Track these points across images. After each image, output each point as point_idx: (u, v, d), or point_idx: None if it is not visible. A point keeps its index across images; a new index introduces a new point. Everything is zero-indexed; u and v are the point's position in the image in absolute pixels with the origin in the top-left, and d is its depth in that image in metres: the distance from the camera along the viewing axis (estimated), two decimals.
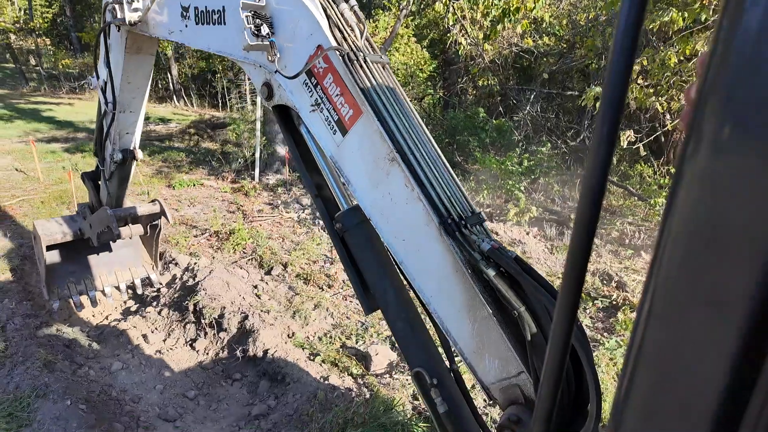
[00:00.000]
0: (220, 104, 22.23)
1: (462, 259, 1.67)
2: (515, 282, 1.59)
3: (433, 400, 1.89)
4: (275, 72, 1.89)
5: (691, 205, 0.51)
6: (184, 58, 23.73)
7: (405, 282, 1.98)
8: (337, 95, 1.79)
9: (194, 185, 10.35)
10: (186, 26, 2.47)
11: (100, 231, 4.47)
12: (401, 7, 12.75)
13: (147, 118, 18.12)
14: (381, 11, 15.15)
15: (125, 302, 5.79)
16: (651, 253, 0.54)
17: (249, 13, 1.84)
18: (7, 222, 7.47)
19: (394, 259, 1.91)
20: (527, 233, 8.21)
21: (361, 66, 1.76)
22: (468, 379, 2.46)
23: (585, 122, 11.96)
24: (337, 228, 2.02)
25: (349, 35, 1.82)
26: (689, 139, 0.50)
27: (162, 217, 4.85)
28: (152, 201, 4.80)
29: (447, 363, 2.05)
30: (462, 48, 13.42)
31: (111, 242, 5.10)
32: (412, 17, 15.70)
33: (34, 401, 3.70)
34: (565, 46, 13.86)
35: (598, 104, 5.26)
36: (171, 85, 24.61)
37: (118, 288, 5.39)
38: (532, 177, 9.93)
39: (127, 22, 2.96)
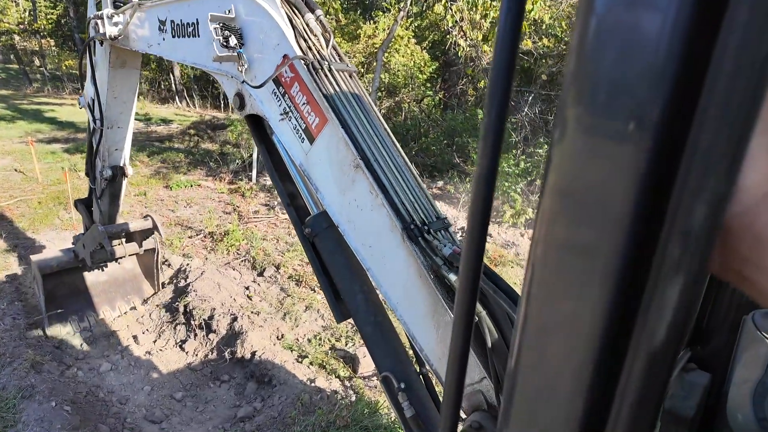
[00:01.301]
0: (222, 105, 22.31)
1: (425, 264, 1.67)
2: None
3: (401, 405, 1.89)
4: (244, 82, 1.91)
5: (559, 184, 0.53)
6: None
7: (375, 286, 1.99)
8: (304, 104, 1.81)
9: (192, 186, 10.39)
10: (164, 39, 2.54)
11: (93, 249, 4.43)
12: (400, 8, 12.77)
13: (148, 119, 18.20)
14: (381, 13, 15.18)
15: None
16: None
17: (218, 25, 1.87)
18: (4, 223, 7.52)
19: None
20: (522, 235, 8.21)
21: (326, 74, 1.78)
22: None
23: None
24: (307, 233, 2.03)
25: (314, 45, 1.84)
26: (556, 124, 0.52)
27: (155, 232, 4.82)
28: (145, 217, 4.79)
29: (417, 367, 2.06)
30: (461, 50, 13.43)
31: (108, 265, 5.04)
32: (412, 19, 15.72)
33: (20, 402, 3.72)
34: (564, 47, 13.83)
35: None
36: (173, 86, 24.68)
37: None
38: (529, 179, 9.92)
39: (108, 37, 3.04)
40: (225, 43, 1.87)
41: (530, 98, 13.95)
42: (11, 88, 25.30)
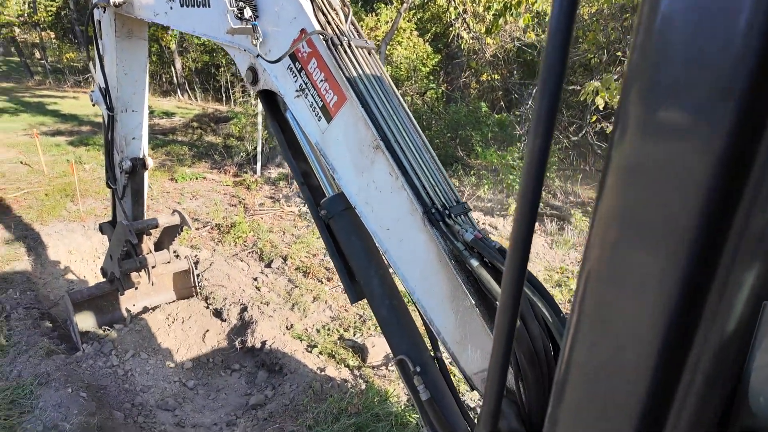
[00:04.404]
0: (224, 98, 22.22)
1: (445, 249, 1.66)
2: (498, 272, 1.58)
3: (416, 388, 1.89)
4: (258, 56, 1.89)
5: (618, 190, 0.51)
6: (188, 51, 23.71)
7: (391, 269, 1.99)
8: (322, 81, 1.79)
9: (197, 178, 10.40)
10: (171, 8, 2.47)
11: (120, 255, 4.22)
12: (402, 0, 12.71)
13: (151, 112, 18.13)
14: (383, 5, 15.11)
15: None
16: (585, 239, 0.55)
17: None
18: (12, 214, 7.54)
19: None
20: None
21: (345, 51, 1.76)
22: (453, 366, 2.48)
23: (587, 117, 11.89)
24: (322, 214, 2.02)
25: (333, 19, 1.81)
26: (616, 126, 0.51)
27: (184, 227, 4.69)
28: (173, 212, 4.72)
29: (431, 350, 2.07)
30: (464, 42, 13.36)
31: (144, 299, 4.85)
32: (415, 11, 15.63)
33: (36, 389, 3.76)
34: None
35: (597, 98, 5.09)
36: (175, 78, 24.58)
37: None
38: None
39: (112, 3, 2.96)
40: (239, 15, 1.84)
41: (534, 91, 13.89)
42: (13, 81, 25.22)
